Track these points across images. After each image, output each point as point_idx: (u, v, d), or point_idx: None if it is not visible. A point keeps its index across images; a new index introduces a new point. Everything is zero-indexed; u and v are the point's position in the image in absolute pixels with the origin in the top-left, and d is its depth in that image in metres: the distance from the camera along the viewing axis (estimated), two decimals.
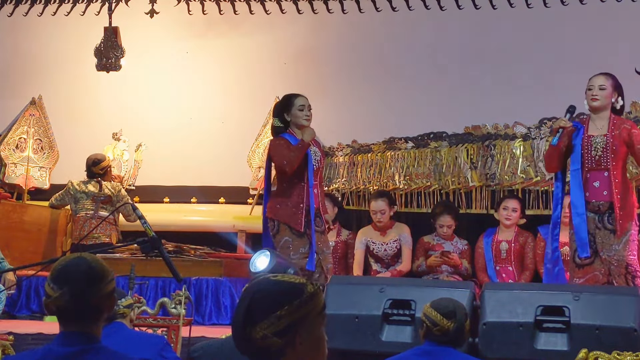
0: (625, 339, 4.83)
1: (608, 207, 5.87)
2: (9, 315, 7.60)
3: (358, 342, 5.32)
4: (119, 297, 4.26)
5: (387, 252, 7.68)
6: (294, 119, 6.37)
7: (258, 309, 2.13)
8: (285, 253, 6.20)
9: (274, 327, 2.11)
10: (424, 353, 4.09)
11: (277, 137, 6.39)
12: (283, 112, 6.41)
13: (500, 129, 8.18)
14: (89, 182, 8.66)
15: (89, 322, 2.62)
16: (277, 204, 6.34)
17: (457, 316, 4.10)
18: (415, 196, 8.37)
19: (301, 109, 6.38)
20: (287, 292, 2.14)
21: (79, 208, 8.62)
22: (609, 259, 5.85)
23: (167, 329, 5.72)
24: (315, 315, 2.15)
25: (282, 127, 6.41)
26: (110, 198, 8.60)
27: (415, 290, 5.42)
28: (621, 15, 8.45)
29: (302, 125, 6.40)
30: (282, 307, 2.11)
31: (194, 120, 9.50)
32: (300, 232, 6.28)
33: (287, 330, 2.11)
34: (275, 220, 6.32)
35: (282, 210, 6.31)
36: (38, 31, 9.89)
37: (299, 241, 6.27)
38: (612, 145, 5.89)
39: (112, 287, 2.67)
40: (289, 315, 2.11)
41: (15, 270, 6.19)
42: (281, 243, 6.28)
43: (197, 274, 7.70)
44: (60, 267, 2.65)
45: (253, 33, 9.48)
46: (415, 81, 8.96)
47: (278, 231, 6.31)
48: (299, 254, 6.26)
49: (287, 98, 6.48)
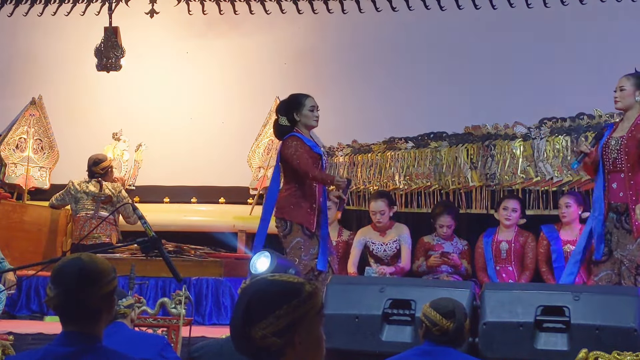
0: (625, 339, 4.83)
1: (625, 208, 5.88)
2: (9, 315, 7.60)
3: (358, 342, 5.32)
4: (119, 297, 4.26)
5: (387, 253, 7.68)
6: (304, 120, 6.35)
7: (257, 309, 2.13)
8: (296, 254, 6.19)
9: (273, 326, 2.11)
10: (424, 353, 4.08)
11: (292, 137, 6.31)
12: (292, 111, 6.38)
13: (500, 129, 8.18)
14: (89, 182, 8.67)
15: (88, 323, 2.63)
16: (290, 204, 6.29)
17: (457, 316, 4.09)
18: (415, 196, 8.37)
19: (312, 109, 6.37)
20: (286, 292, 2.14)
21: (79, 208, 8.62)
22: (621, 258, 5.85)
23: (167, 329, 5.72)
24: (313, 315, 2.15)
25: (289, 127, 6.40)
26: (111, 198, 8.60)
27: (415, 290, 5.42)
28: (621, 15, 8.45)
29: (312, 126, 6.40)
30: (281, 307, 2.12)
31: (194, 120, 9.50)
32: (311, 233, 6.27)
33: (286, 330, 2.11)
34: (287, 221, 6.27)
35: (295, 211, 6.26)
36: (38, 31, 9.89)
37: (310, 242, 6.26)
38: (625, 147, 5.90)
39: (110, 288, 2.66)
40: (288, 315, 2.12)
41: (15, 270, 6.19)
42: (292, 244, 6.24)
43: (197, 274, 7.70)
44: (58, 267, 2.68)
45: (253, 33, 9.48)
46: (416, 81, 8.96)
47: (290, 232, 6.26)
48: (310, 255, 6.24)
49: (297, 98, 6.44)
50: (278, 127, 6.52)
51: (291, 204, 6.30)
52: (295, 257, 6.19)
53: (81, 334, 2.61)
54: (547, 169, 7.88)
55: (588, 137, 7.86)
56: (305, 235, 6.26)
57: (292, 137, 6.32)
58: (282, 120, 6.44)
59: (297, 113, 6.35)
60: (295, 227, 6.26)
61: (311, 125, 6.41)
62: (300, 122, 6.36)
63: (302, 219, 6.27)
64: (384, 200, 7.70)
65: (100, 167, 8.71)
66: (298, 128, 6.37)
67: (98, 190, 8.63)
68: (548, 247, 7.39)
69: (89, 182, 8.67)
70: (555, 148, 7.90)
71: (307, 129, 6.40)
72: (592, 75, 8.31)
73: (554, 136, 7.89)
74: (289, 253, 6.24)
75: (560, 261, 7.22)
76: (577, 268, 6.24)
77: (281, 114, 6.47)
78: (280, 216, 6.32)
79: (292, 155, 6.23)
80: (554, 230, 7.42)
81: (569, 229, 7.35)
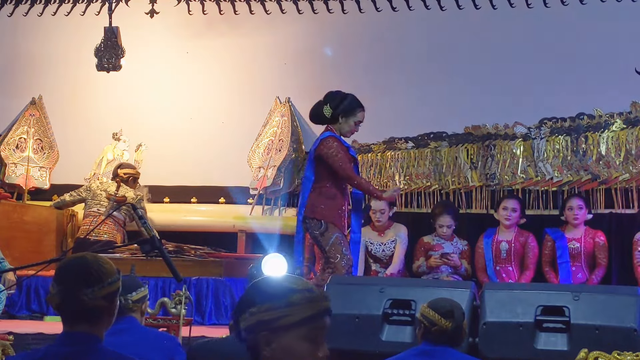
0: (625, 339, 4.83)
1: None
2: (9, 315, 7.60)
3: (358, 342, 5.32)
4: (129, 291, 4.18)
5: (385, 253, 7.68)
6: (346, 126, 6.32)
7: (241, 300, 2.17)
8: (337, 250, 6.15)
9: (246, 322, 2.13)
10: (422, 353, 4.08)
11: (332, 137, 6.25)
12: (342, 110, 6.31)
13: (500, 129, 8.19)
14: (109, 182, 8.77)
15: (89, 323, 2.62)
16: (321, 204, 6.25)
17: (455, 316, 4.09)
18: (415, 196, 8.37)
19: (357, 123, 6.34)
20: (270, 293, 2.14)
21: (94, 203, 8.68)
22: None
23: (167, 328, 5.72)
24: (290, 324, 2.11)
25: (327, 119, 6.32)
26: (125, 199, 8.63)
27: (415, 290, 5.42)
28: (621, 15, 8.45)
29: (345, 135, 6.36)
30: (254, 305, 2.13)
31: (194, 120, 9.49)
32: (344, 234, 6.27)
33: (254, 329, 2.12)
34: (321, 220, 6.24)
35: (327, 211, 6.23)
36: (38, 31, 9.89)
37: (345, 241, 6.25)
38: None
39: (112, 290, 2.64)
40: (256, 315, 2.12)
41: (15, 270, 6.18)
42: (332, 240, 6.18)
43: (197, 274, 7.70)
44: (61, 265, 2.68)
45: (253, 33, 9.47)
46: (416, 81, 8.95)
47: (327, 229, 6.21)
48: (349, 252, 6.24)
49: (355, 103, 6.37)
50: (319, 113, 6.40)
51: (322, 204, 6.25)
52: (337, 254, 6.16)
53: (81, 334, 2.61)
54: (547, 169, 7.89)
55: (588, 137, 7.87)
56: (340, 232, 6.24)
57: (332, 137, 6.27)
58: (326, 110, 6.35)
59: (345, 117, 6.31)
60: (331, 224, 6.22)
61: (344, 134, 6.36)
62: (339, 125, 6.32)
63: (334, 219, 6.23)
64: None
65: (124, 171, 8.81)
66: (333, 127, 6.33)
67: (115, 190, 8.70)
68: (553, 247, 7.40)
69: (109, 182, 8.80)
70: (555, 148, 7.91)
71: (340, 133, 6.36)
72: (592, 75, 8.31)
73: (554, 136, 7.90)
74: (330, 250, 6.17)
75: (565, 257, 7.25)
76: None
77: (330, 104, 6.37)
78: (311, 216, 6.26)
79: (334, 157, 6.18)
80: (558, 231, 7.44)
81: (575, 229, 7.37)
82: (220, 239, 8.69)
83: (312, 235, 6.29)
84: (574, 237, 7.37)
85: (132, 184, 8.88)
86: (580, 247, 7.33)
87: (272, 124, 8.98)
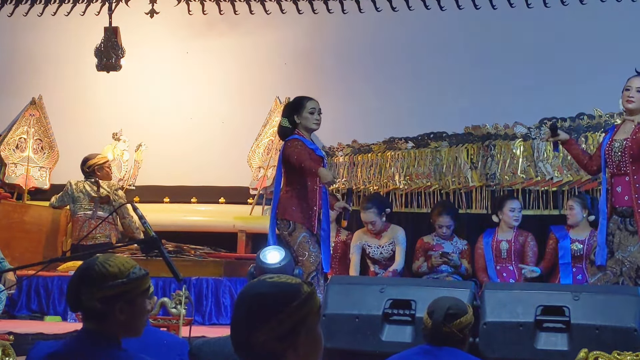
0: (625, 339, 4.83)
1: (630, 212, 5.77)
2: (9, 315, 7.60)
3: (358, 342, 5.32)
4: None
5: (383, 255, 7.69)
6: (304, 122, 6.37)
7: (258, 313, 2.09)
8: (304, 248, 6.23)
9: (275, 331, 2.07)
10: (425, 352, 4.07)
11: (293, 139, 6.33)
12: (293, 113, 6.40)
13: (500, 129, 8.19)
14: (86, 182, 8.67)
15: (98, 322, 2.64)
16: (291, 205, 6.31)
17: (434, 316, 4.02)
18: (415, 196, 8.37)
19: (312, 112, 6.37)
20: (286, 294, 2.10)
21: (77, 208, 8.62)
22: (623, 260, 5.82)
23: (167, 329, 5.72)
24: (313, 315, 2.13)
25: (290, 128, 6.41)
26: (108, 198, 8.59)
27: (415, 290, 5.42)
28: (621, 14, 8.45)
29: (312, 129, 6.41)
30: (282, 310, 2.08)
31: (194, 120, 9.50)
32: (312, 234, 6.30)
33: (288, 333, 2.08)
34: (289, 221, 6.31)
35: (297, 213, 6.29)
36: (38, 31, 9.89)
37: (313, 239, 6.29)
38: (629, 149, 5.76)
39: (112, 293, 2.64)
40: (290, 318, 2.08)
41: (15, 270, 6.19)
42: (299, 239, 6.25)
43: (197, 274, 7.70)
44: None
45: (253, 33, 9.48)
46: (415, 81, 8.95)
47: (295, 229, 6.29)
48: (317, 249, 6.28)
49: (299, 100, 6.48)
50: (280, 128, 6.57)
51: (292, 205, 6.32)
52: (304, 251, 6.22)
53: (95, 332, 2.64)
54: (547, 169, 7.89)
55: (588, 138, 7.87)
56: (309, 232, 6.29)
57: (294, 140, 6.33)
58: (283, 121, 6.47)
59: (298, 115, 6.37)
60: (299, 225, 6.29)
61: (311, 128, 6.41)
62: (301, 125, 6.37)
63: (304, 220, 6.30)
64: (372, 211, 7.65)
65: (87, 165, 8.71)
66: (299, 130, 6.38)
67: (95, 190, 8.63)
68: (555, 245, 7.40)
69: (86, 182, 8.68)
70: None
71: (308, 131, 6.41)
72: (592, 75, 8.31)
73: None
74: (297, 249, 6.26)
75: (567, 257, 7.25)
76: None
77: (283, 115, 6.52)
78: (282, 217, 6.35)
79: (294, 155, 6.23)
80: (563, 230, 7.45)
81: (579, 229, 7.37)
82: (220, 239, 8.69)
83: (282, 236, 6.36)
84: (578, 239, 7.36)
85: (107, 173, 8.80)
86: (584, 249, 7.33)
87: (272, 124, 8.98)
